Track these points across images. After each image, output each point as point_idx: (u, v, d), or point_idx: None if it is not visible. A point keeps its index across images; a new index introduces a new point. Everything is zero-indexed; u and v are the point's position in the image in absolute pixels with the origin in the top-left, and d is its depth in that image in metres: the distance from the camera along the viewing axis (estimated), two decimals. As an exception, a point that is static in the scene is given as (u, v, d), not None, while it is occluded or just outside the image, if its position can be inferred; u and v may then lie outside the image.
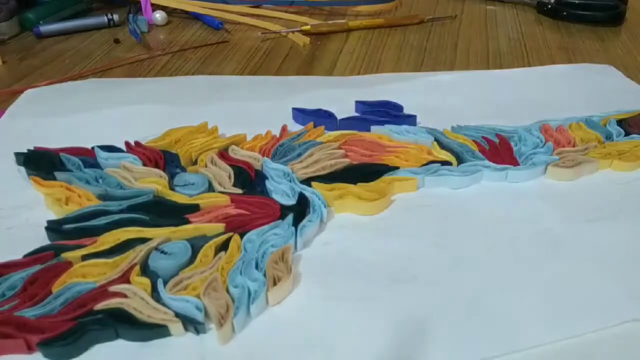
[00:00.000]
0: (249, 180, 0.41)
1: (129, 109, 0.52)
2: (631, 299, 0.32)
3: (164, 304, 0.31)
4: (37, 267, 0.34)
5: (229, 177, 0.41)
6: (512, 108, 0.52)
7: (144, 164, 0.43)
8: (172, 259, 0.34)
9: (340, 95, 0.54)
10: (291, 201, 0.39)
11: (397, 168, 0.42)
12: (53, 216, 0.39)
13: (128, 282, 0.33)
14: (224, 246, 0.35)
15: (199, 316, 0.31)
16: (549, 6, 0.77)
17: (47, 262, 0.34)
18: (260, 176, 0.42)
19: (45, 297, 0.32)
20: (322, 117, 0.49)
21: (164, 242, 0.35)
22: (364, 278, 0.34)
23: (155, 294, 0.32)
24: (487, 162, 0.42)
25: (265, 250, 0.35)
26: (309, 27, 0.71)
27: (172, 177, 0.42)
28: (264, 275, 0.33)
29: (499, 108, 0.52)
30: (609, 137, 0.45)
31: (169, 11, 0.77)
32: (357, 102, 0.51)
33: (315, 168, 0.42)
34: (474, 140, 0.45)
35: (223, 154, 0.44)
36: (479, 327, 0.31)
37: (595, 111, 0.49)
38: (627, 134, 0.45)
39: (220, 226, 0.37)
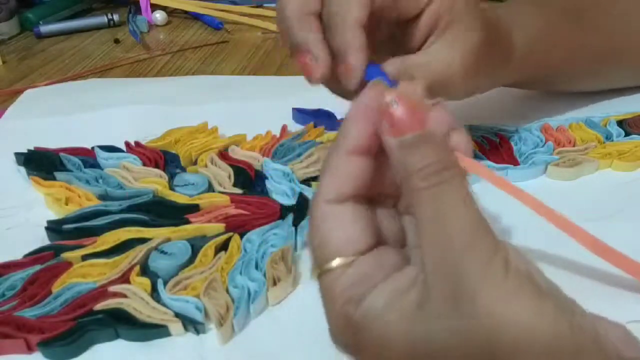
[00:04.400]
0: (249, 180, 0.41)
1: (129, 109, 0.52)
2: (631, 298, 0.32)
3: (163, 304, 0.31)
4: (37, 267, 0.34)
5: (229, 177, 0.41)
6: (512, 108, 0.51)
7: (144, 164, 0.43)
8: (172, 259, 0.34)
9: (340, 95, 0.54)
10: (291, 201, 0.39)
11: (397, 168, 0.42)
12: (53, 216, 0.39)
13: (128, 282, 0.33)
14: (224, 246, 0.35)
15: (199, 316, 0.31)
16: (549, 6, 0.76)
17: (47, 262, 0.34)
18: (260, 176, 0.42)
19: (45, 297, 0.32)
20: (322, 117, 0.49)
21: (164, 242, 0.35)
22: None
23: (155, 294, 0.32)
24: (487, 162, 0.42)
25: (265, 250, 0.35)
26: (309, 27, 0.71)
27: (172, 177, 0.42)
28: (264, 275, 0.33)
29: (499, 108, 0.52)
30: (609, 137, 0.45)
31: (169, 11, 0.77)
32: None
33: (315, 168, 0.42)
34: (474, 140, 0.45)
35: (223, 154, 0.44)
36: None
37: (596, 111, 0.49)
38: (627, 134, 0.45)
39: (220, 226, 0.37)
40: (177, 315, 0.31)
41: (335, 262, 0.22)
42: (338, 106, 0.50)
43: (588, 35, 0.44)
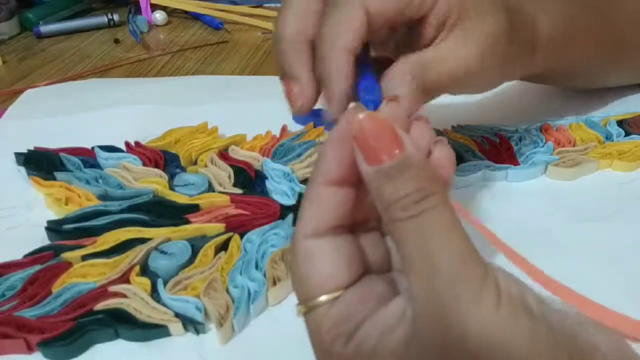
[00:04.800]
0: (249, 180, 0.41)
1: (129, 109, 0.52)
2: (631, 298, 0.32)
3: (163, 304, 0.31)
4: (37, 267, 0.34)
5: (229, 177, 0.41)
6: (512, 108, 0.51)
7: (144, 164, 0.43)
8: (172, 259, 0.34)
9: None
10: (291, 201, 0.39)
11: (397, 168, 0.42)
12: (53, 216, 0.39)
13: (128, 282, 0.33)
14: (224, 246, 0.35)
15: (199, 316, 0.31)
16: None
17: (47, 262, 0.34)
18: (260, 176, 0.42)
19: (45, 297, 0.32)
20: (322, 117, 0.48)
21: (164, 242, 0.35)
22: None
23: (155, 294, 0.32)
24: (487, 162, 0.42)
25: (265, 251, 0.34)
26: (309, 27, 0.71)
27: (172, 177, 0.42)
28: (264, 275, 0.33)
29: (499, 108, 0.52)
30: (609, 137, 0.45)
31: (169, 11, 0.77)
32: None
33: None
34: (474, 140, 0.45)
35: (223, 154, 0.44)
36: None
37: (595, 111, 0.49)
38: (627, 134, 0.45)
39: (220, 226, 0.37)
40: (177, 315, 0.31)
41: (320, 299, 0.21)
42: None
43: (605, 28, 0.43)
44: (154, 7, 0.75)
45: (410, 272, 0.20)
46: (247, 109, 0.52)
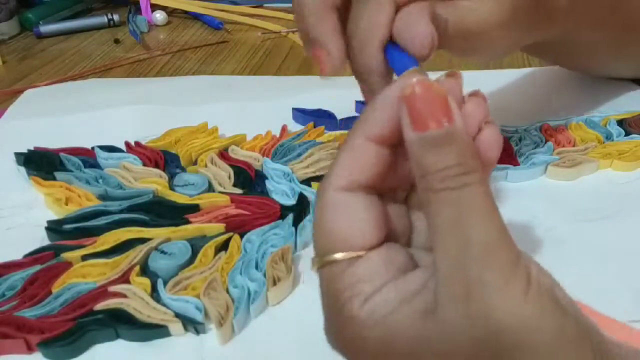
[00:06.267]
0: (249, 180, 0.41)
1: (129, 109, 0.52)
2: (631, 298, 0.32)
3: (163, 304, 0.31)
4: (37, 267, 0.34)
5: (229, 177, 0.41)
6: (512, 108, 0.51)
7: (144, 164, 0.43)
8: (172, 259, 0.34)
9: (340, 95, 0.54)
10: (291, 201, 0.39)
11: (397, 168, 0.42)
12: (53, 216, 0.39)
13: (128, 282, 0.33)
14: (224, 246, 0.35)
15: (199, 316, 0.31)
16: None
17: (47, 262, 0.34)
18: (260, 176, 0.42)
19: (45, 297, 0.32)
20: (322, 117, 0.49)
21: (164, 242, 0.35)
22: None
23: (155, 294, 0.32)
24: (487, 162, 0.42)
25: (265, 251, 0.35)
26: (309, 27, 0.71)
27: (172, 177, 0.42)
28: (264, 275, 0.33)
29: (499, 108, 0.52)
30: (609, 137, 0.45)
31: (169, 11, 0.77)
32: (357, 102, 0.51)
33: (315, 168, 0.42)
34: (474, 140, 0.45)
35: (223, 154, 0.44)
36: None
37: (595, 111, 0.49)
38: (627, 134, 0.45)
39: (220, 226, 0.37)
40: (177, 315, 0.31)
41: (341, 255, 0.21)
42: (338, 106, 0.50)
43: (620, 7, 0.43)
44: (154, 7, 0.75)
45: (438, 243, 0.19)
46: (247, 109, 0.52)
